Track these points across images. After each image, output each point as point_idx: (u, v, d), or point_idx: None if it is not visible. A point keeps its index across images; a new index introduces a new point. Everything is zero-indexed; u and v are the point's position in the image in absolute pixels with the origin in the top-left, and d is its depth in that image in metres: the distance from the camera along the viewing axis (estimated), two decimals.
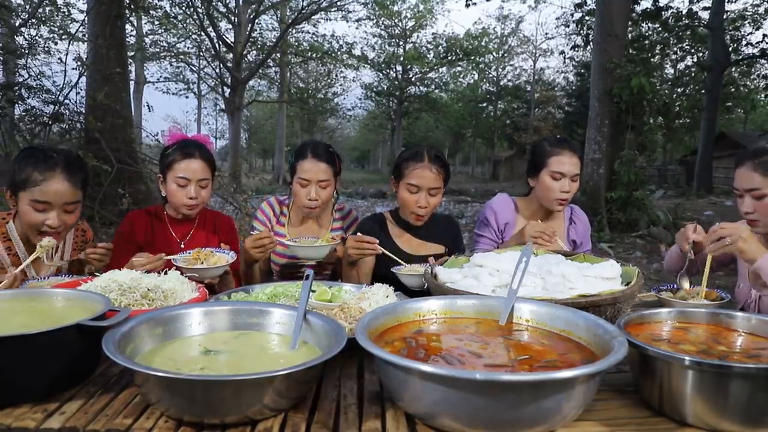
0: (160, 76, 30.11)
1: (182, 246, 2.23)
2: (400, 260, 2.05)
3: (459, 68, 38.78)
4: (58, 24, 12.12)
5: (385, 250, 2.05)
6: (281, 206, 2.44)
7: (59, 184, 1.77)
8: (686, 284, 1.94)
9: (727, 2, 18.78)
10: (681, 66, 26.38)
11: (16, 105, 7.37)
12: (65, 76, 7.43)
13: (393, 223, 2.38)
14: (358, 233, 2.13)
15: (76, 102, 7.89)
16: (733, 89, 25.47)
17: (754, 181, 1.80)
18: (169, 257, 1.92)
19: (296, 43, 27.16)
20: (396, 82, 37.34)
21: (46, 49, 10.34)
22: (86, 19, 8.93)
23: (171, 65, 28.06)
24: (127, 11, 9.37)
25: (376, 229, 2.34)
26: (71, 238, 2.08)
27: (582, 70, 26.61)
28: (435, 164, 2.20)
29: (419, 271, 1.93)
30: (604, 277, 1.49)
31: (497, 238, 2.42)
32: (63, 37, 10.41)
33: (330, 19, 26.70)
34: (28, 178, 1.76)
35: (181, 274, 1.72)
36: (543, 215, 2.39)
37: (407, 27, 36.00)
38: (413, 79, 37.65)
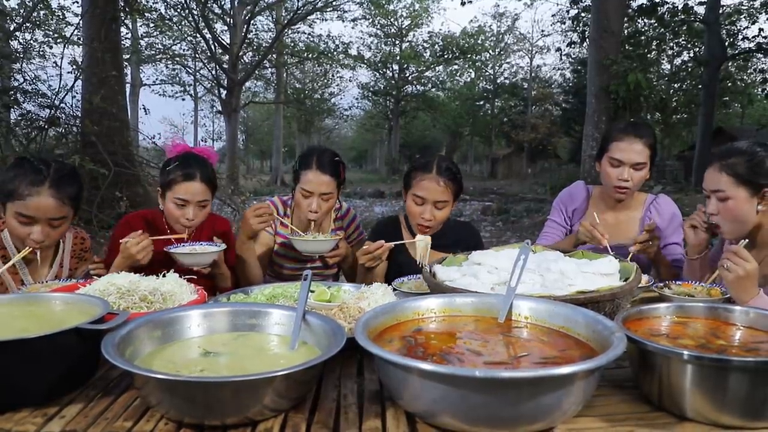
0: (156, 79, 30.06)
1: None
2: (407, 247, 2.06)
3: (455, 66, 38.82)
4: (53, 28, 12.10)
5: (394, 242, 2.02)
6: (284, 207, 2.43)
7: (45, 199, 1.75)
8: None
9: None
10: (677, 61, 26.40)
11: (12, 109, 7.37)
12: (61, 79, 7.43)
13: (406, 228, 2.35)
14: (367, 242, 2.10)
15: (72, 106, 7.89)
16: (729, 84, 25.50)
17: (719, 183, 1.72)
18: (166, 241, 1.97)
19: (292, 44, 27.17)
20: (393, 82, 37.36)
21: (42, 53, 10.33)
22: (81, 22, 8.93)
23: (167, 67, 28.08)
24: (121, 14, 9.36)
25: (390, 231, 2.33)
26: (69, 247, 2.07)
27: (579, 67, 26.65)
28: (443, 177, 2.12)
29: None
30: (603, 273, 1.49)
31: (566, 224, 2.42)
32: (58, 40, 10.40)
33: (326, 20, 26.72)
34: (14, 190, 1.74)
35: (179, 272, 1.72)
36: (614, 203, 2.30)
37: (403, 26, 36.02)
38: (410, 78, 37.68)
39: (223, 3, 21.49)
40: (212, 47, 20.85)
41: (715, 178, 1.74)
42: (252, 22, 22.54)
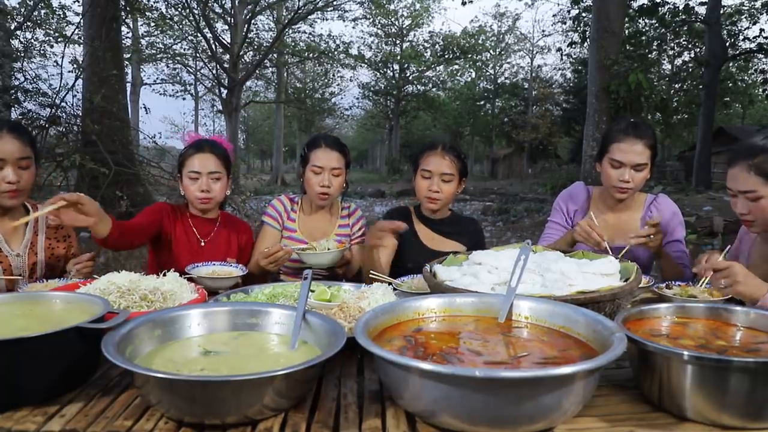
0: (157, 78, 30.08)
1: (202, 245, 2.26)
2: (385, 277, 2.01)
3: (456, 66, 38.78)
4: (54, 27, 12.09)
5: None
6: (292, 203, 2.49)
7: (8, 140, 1.87)
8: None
9: None
10: (678, 62, 26.40)
11: (13, 108, 7.36)
12: (61, 79, 7.43)
13: (416, 217, 2.46)
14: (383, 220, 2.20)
15: (72, 105, 7.88)
16: (730, 84, 25.53)
17: (748, 183, 1.70)
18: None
19: (293, 43, 27.14)
20: (393, 81, 37.34)
21: (42, 52, 10.31)
22: (82, 21, 8.94)
23: (167, 67, 28.03)
24: (122, 13, 9.37)
25: (401, 218, 2.39)
26: (44, 218, 2.11)
27: (579, 67, 26.65)
28: (448, 153, 2.30)
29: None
30: (603, 273, 1.49)
31: (567, 225, 2.41)
32: (59, 39, 10.39)
33: (326, 19, 26.73)
34: None
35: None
36: (614, 203, 2.30)
37: (404, 26, 36.01)
38: (410, 77, 37.66)
39: (223, 2, 21.48)
40: (213, 46, 20.82)
41: (744, 178, 1.71)
42: (253, 21, 22.53)
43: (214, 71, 23.43)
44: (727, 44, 19.97)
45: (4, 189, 1.87)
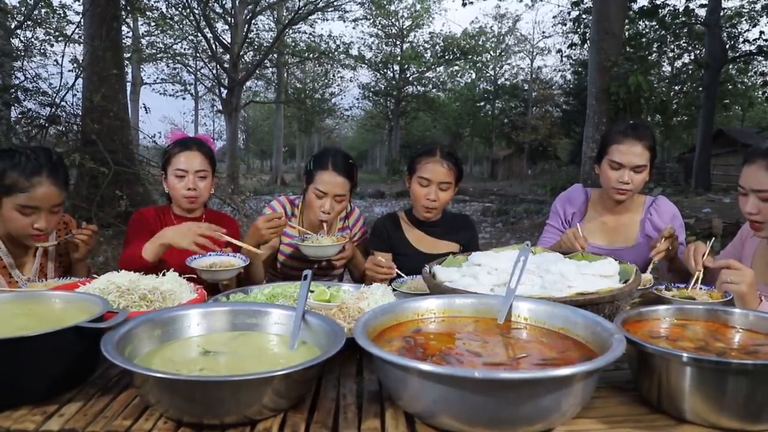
0: (157, 78, 30.04)
1: None
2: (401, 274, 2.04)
3: (456, 67, 38.82)
4: (54, 26, 12.06)
5: (401, 274, 2.03)
6: (292, 206, 2.44)
7: (46, 188, 1.77)
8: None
9: None
10: (678, 63, 26.44)
11: (12, 107, 7.35)
12: (62, 78, 7.42)
13: (407, 222, 2.43)
14: (374, 252, 2.22)
15: (72, 104, 7.87)
16: (730, 86, 25.54)
17: (762, 182, 1.68)
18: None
19: (293, 44, 27.14)
20: (393, 82, 37.36)
21: (42, 51, 10.29)
22: (82, 20, 8.93)
23: (168, 66, 27.99)
24: (123, 12, 9.36)
25: (389, 225, 2.41)
26: (53, 236, 2.08)
27: (579, 69, 26.65)
28: (447, 160, 2.25)
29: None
30: (602, 274, 1.49)
31: (564, 228, 2.40)
32: (59, 39, 10.37)
33: (327, 20, 26.73)
34: (14, 184, 1.74)
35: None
36: (613, 205, 2.29)
37: (404, 26, 36.04)
38: (410, 78, 37.67)
39: (224, 2, 21.48)
40: (213, 46, 20.83)
41: (758, 177, 1.69)
42: (253, 21, 22.54)
43: (215, 71, 23.45)
44: (727, 46, 19.97)
45: (31, 233, 1.80)
